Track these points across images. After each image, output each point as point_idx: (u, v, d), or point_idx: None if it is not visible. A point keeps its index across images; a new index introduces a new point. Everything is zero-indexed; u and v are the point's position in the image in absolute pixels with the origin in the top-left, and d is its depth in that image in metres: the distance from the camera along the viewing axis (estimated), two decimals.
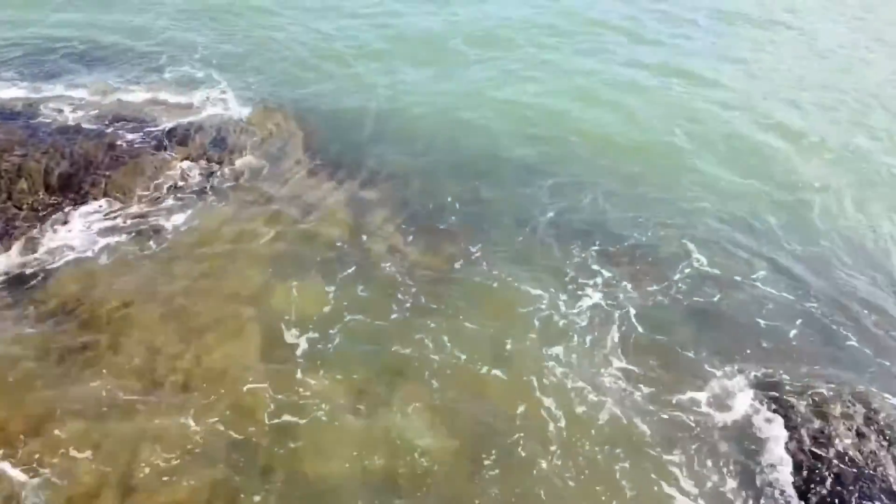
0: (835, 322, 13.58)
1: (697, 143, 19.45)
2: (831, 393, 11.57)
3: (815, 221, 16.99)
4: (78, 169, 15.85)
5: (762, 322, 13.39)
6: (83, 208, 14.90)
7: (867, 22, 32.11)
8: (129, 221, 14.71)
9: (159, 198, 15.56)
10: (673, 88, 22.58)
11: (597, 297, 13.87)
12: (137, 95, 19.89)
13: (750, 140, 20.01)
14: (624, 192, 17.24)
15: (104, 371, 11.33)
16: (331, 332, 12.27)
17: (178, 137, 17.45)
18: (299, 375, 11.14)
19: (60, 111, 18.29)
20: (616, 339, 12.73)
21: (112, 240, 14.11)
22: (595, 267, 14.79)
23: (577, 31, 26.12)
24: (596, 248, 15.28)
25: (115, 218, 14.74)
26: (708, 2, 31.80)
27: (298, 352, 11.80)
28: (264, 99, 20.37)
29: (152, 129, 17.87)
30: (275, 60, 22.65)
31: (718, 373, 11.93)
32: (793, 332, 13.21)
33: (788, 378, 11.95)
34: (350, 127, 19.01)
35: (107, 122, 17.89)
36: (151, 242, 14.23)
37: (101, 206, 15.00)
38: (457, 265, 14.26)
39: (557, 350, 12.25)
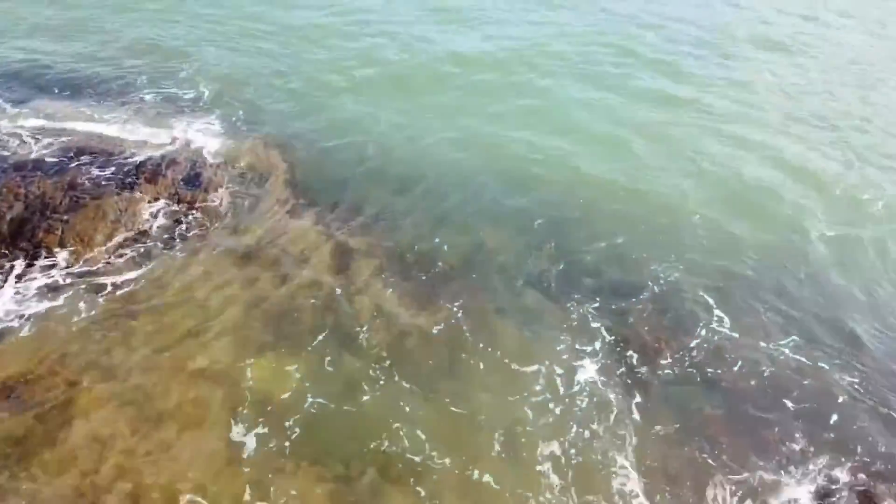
0: (881, 401, 11.62)
1: (709, 184, 17.28)
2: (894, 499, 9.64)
3: (841, 274, 14.91)
4: (33, 212, 13.84)
5: (798, 405, 11.42)
6: (34, 261, 12.92)
7: (883, 38, 29.80)
8: (84, 279, 12.69)
9: (121, 247, 13.54)
10: (679, 121, 20.30)
11: (597, 370, 11.85)
12: (110, 122, 17.86)
13: (765, 180, 17.77)
14: (629, 239, 15.14)
15: (37, 472, 9.42)
16: (287, 423, 10.19)
17: (148, 173, 15.41)
18: (247, 497, 9.15)
19: (22, 143, 16.26)
20: (621, 432, 10.71)
21: (62, 302, 12.11)
22: (595, 325, 12.81)
23: (578, 56, 23.74)
24: (597, 305, 13.28)
25: (68, 274, 12.73)
26: (713, 21, 29.46)
27: (248, 455, 9.76)
28: (248, 127, 18.33)
29: (121, 162, 15.84)
30: (263, 85, 20.56)
31: (753, 480, 9.98)
32: (834, 417, 11.24)
33: (838, 479, 10.02)
34: (339, 161, 16.97)
35: (71, 155, 15.86)
36: (108, 305, 12.21)
37: (54, 259, 13.01)
38: (443, 330, 12.21)
39: (555, 448, 10.25)
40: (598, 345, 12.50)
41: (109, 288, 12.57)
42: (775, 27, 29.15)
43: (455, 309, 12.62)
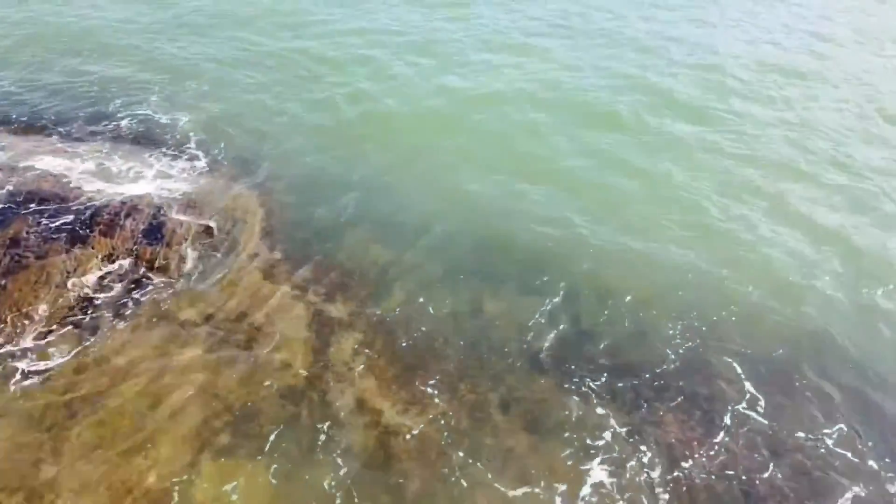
0: None
1: (723, 241, 14.85)
2: None
3: (884, 347, 12.67)
4: None
5: None
6: None
7: None
8: (16, 362, 10.50)
9: (64, 319, 11.33)
10: (686, 165, 17.58)
11: (605, 474, 9.71)
12: (72, 157, 15.65)
13: (785, 237, 15.18)
14: (643, 303, 12.90)
15: None
16: None
17: (104, 223, 13.19)
18: None
19: None
20: None
21: None
22: (601, 412, 10.64)
23: (575, 90, 20.89)
24: (610, 385, 11.13)
25: None
26: (712, 42, 26.76)
27: None
28: (224, 164, 16.13)
29: (76, 209, 13.63)
30: (244, 117, 18.17)
31: None
32: None
33: None
34: (322, 208, 14.72)
35: (19, 202, 13.65)
36: (42, 397, 10.05)
37: None
38: (432, 432, 10.01)
39: None
40: (606, 434, 10.37)
41: (46, 375, 10.39)
42: (784, 50, 26.60)
43: (448, 402, 10.46)
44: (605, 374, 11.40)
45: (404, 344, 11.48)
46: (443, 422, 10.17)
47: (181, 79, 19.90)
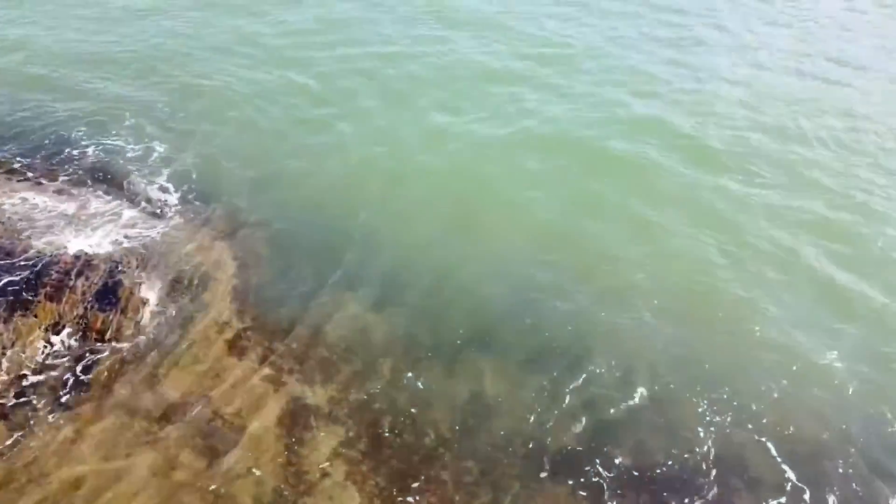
0: None
1: (755, 297, 13.08)
2: None
3: None
4: None
5: None
6: None
7: None
8: None
9: None
10: (714, 203, 15.65)
11: None
12: (22, 199, 13.70)
13: (821, 303, 13.21)
14: (666, 380, 11.14)
15: None
16: None
17: (51, 284, 11.28)
18: None
19: None
20: None
21: None
22: None
23: (586, 127, 18.54)
24: (627, 485, 9.45)
25: None
26: (733, 73, 24.34)
27: None
28: (196, 204, 14.27)
29: (22, 265, 11.69)
30: (224, 152, 16.12)
31: None
32: None
33: None
34: (303, 263, 12.85)
35: None
36: None
37: None
38: None
39: None
40: None
41: None
42: (794, 75, 24.00)
43: None
44: (626, 474, 9.65)
45: (391, 440, 9.66)
46: None
47: (157, 109, 17.88)
